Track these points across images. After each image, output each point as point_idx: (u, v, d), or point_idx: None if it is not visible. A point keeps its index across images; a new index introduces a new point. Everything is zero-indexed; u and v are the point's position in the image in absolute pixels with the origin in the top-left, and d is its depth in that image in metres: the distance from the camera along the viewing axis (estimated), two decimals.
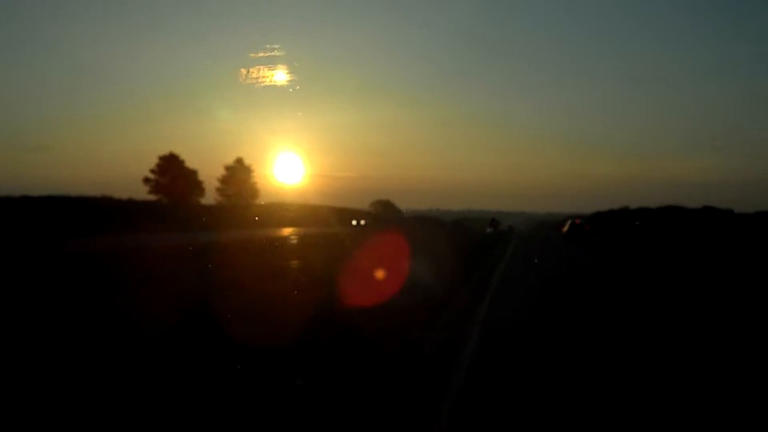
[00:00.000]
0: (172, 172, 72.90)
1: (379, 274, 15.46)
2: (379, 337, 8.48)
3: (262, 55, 10.94)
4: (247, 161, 77.72)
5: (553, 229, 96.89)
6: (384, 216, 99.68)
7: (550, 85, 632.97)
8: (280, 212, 53.13)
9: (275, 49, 11.05)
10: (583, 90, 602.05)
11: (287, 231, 53.39)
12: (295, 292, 12.98)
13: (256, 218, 61.09)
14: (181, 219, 47.62)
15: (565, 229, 56.61)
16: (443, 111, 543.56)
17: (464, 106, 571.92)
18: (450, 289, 14.79)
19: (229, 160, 79.20)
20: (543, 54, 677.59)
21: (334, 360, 7.28)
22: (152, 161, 72.78)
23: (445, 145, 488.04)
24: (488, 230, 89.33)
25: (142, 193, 71.26)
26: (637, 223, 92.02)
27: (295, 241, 40.33)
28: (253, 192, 78.00)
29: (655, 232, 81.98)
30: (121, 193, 75.70)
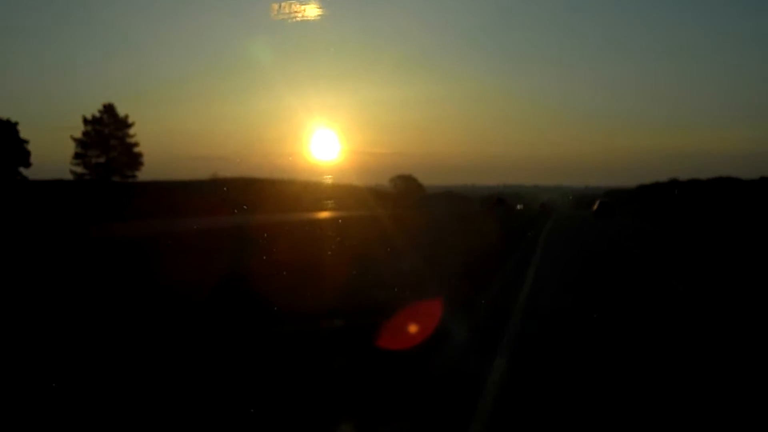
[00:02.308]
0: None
1: None
2: None
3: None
4: (281, 139, 71.48)
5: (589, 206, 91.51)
6: (406, 193, 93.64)
7: (586, 58, 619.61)
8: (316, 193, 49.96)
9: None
10: (622, 63, 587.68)
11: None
12: None
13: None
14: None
15: (595, 207, 65.23)
16: (479, 86, 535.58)
17: (501, 81, 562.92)
18: None
19: (267, 138, 72.31)
20: (580, 28, 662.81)
21: None
22: (187, 141, 68.47)
23: (481, 121, 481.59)
24: (496, 211, 74.14)
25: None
26: (676, 192, 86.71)
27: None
28: (132, 158, 64.89)
29: (706, 204, 77.62)
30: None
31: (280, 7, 10.99)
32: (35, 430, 5.30)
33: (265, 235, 26.85)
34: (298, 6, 11.01)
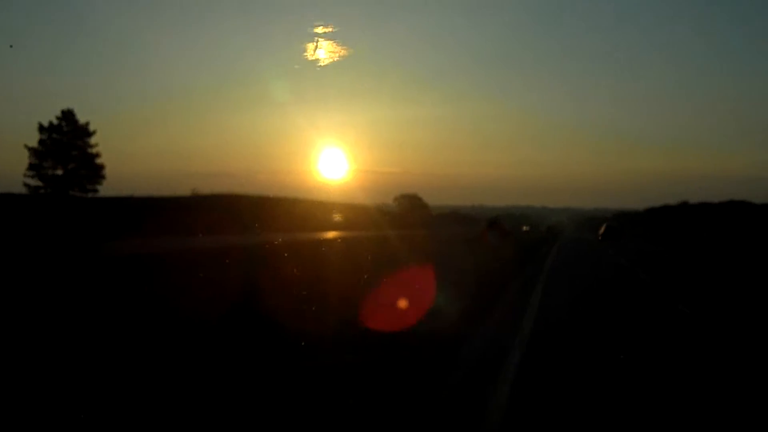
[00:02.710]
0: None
1: None
2: None
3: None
4: (289, 157, 68.00)
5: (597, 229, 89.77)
6: (410, 211, 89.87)
7: (596, 78, 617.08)
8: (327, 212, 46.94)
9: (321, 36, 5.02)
10: (633, 84, 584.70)
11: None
12: None
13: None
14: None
15: (602, 231, 68.60)
16: (488, 106, 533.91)
17: (510, 101, 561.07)
18: None
19: (275, 155, 68.76)
20: (590, 48, 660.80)
21: None
22: (194, 156, 64.79)
23: (489, 141, 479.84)
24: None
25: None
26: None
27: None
28: (93, 170, 58.99)
29: (716, 228, 74.36)
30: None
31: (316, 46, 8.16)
32: None
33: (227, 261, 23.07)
34: (333, 46, 9.11)
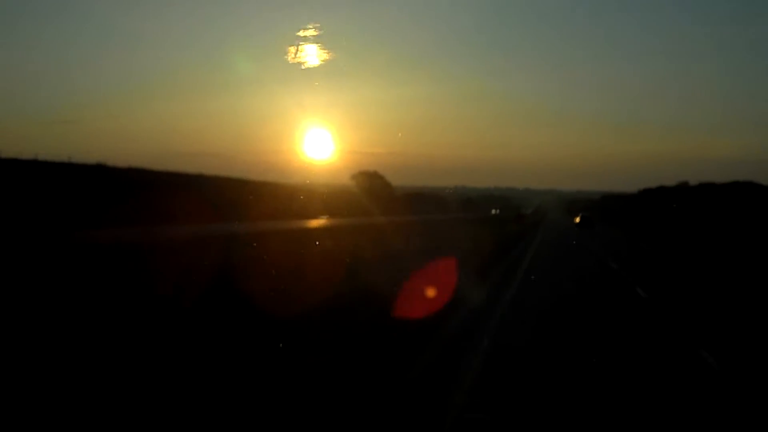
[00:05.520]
0: None
1: None
2: None
3: (299, 34, 13.13)
4: (274, 137, 62.33)
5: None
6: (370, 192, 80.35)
7: (586, 59, 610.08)
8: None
9: (309, 28, 13.08)
10: (618, 65, 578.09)
11: None
12: None
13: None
14: None
15: (577, 219, 75.97)
16: (475, 86, 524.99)
17: (496, 81, 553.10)
18: None
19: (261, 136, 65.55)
20: (578, 27, 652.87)
21: None
22: (179, 136, 58.97)
23: (476, 121, 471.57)
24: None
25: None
26: (674, 205, 75.92)
27: None
28: None
29: (722, 211, 67.50)
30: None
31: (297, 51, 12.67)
32: None
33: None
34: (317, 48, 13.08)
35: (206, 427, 6.05)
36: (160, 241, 25.82)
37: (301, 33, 12.66)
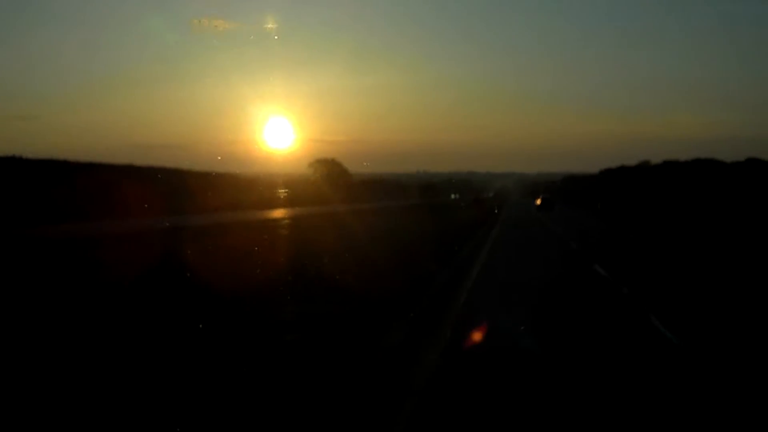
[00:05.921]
0: None
1: None
2: None
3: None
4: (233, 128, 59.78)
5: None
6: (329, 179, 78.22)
7: (541, 43, 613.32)
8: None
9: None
10: (578, 48, 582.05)
11: None
12: None
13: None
14: None
15: (538, 202, 77.38)
16: (435, 72, 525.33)
17: (456, 66, 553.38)
18: None
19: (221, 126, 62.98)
20: (535, 11, 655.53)
21: None
22: (141, 128, 56.24)
23: (437, 107, 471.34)
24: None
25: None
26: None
27: None
28: None
29: (684, 188, 67.47)
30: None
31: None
32: None
33: None
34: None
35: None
36: (103, 236, 24.65)
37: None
